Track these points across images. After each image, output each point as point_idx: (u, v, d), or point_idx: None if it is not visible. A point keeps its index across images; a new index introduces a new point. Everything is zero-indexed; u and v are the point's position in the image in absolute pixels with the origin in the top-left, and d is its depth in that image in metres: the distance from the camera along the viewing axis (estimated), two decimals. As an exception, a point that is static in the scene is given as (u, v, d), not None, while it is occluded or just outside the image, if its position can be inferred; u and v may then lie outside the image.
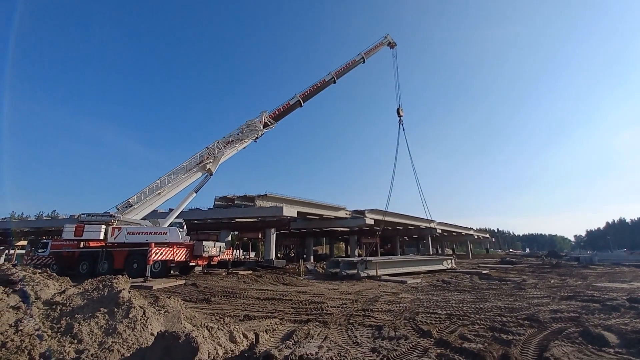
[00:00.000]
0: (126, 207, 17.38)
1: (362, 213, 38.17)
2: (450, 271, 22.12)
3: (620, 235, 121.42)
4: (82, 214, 16.90)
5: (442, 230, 57.00)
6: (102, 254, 16.77)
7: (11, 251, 40.55)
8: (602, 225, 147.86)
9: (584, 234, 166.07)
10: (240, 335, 5.09)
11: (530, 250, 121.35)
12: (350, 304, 9.60)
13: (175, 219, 19.04)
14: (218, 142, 20.42)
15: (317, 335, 6.15)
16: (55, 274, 6.28)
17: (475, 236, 75.26)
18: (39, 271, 6.25)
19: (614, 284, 14.35)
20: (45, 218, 40.68)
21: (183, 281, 15.06)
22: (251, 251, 50.04)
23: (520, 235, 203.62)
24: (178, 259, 16.97)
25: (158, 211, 20.73)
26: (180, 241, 17.34)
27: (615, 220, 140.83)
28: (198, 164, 19.40)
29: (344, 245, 68.64)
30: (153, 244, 15.74)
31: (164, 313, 5.29)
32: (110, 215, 16.59)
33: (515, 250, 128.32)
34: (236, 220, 31.23)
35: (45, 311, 5.03)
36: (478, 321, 7.06)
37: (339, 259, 22.66)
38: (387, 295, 11.24)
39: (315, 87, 24.41)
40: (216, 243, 20.17)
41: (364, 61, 26.67)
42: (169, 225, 18.09)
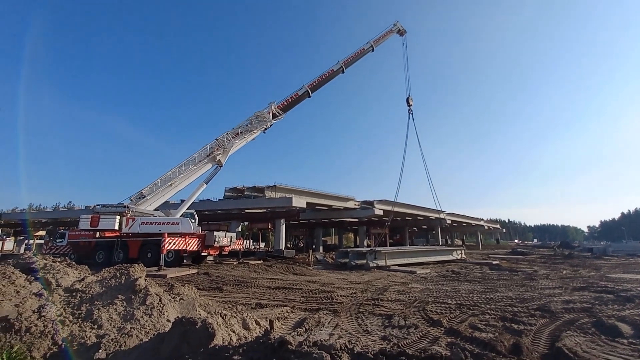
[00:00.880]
0: (139, 198, 17.76)
1: (371, 204, 38.14)
2: (460, 262, 22.04)
3: (636, 226, 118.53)
4: (97, 205, 17.36)
5: (452, 220, 56.62)
6: (118, 244, 17.25)
7: (30, 241, 41.97)
8: (617, 215, 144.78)
9: (597, 224, 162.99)
10: (253, 322, 5.22)
11: (542, 241, 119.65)
12: (360, 293, 9.70)
13: (186, 209, 19.39)
14: (227, 134, 20.54)
15: (328, 323, 6.25)
16: (74, 263, 6.50)
17: (486, 227, 74.56)
18: (59, 260, 6.48)
19: (628, 275, 14.11)
20: (61, 209, 41.96)
21: (196, 270, 15.41)
22: (261, 241, 50.71)
23: (532, 226, 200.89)
24: (190, 249, 17.36)
25: (170, 202, 21.13)
26: (192, 231, 17.70)
27: (631, 211, 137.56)
28: (208, 156, 19.59)
29: (352, 235, 68.93)
30: (166, 234, 16.10)
31: (179, 300, 5.45)
32: (124, 206, 16.99)
33: (527, 241, 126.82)
34: (246, 211, 31.61)
35: (66, 298, 5.23)
36: (488, 311, 7.06)
37: (348, 249, 22.81)
38: (397, 285, 11.30)
39: (323, 77, 24.19)
40: (227, 233, 20.50)
41: (373, 49, 26.25)
42: (181, 216, 18.45)
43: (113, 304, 4.90)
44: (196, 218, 19.85)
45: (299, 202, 29.27)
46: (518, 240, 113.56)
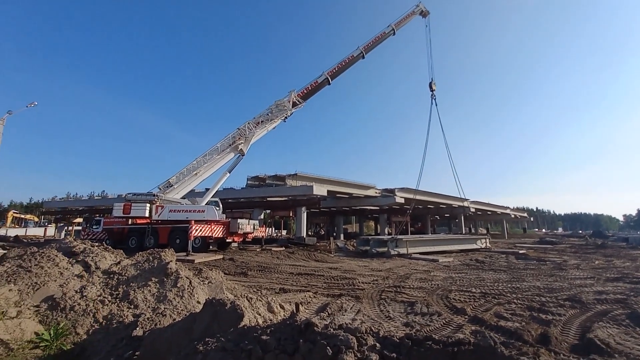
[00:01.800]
0: (167, 187, 18.50)
1: (392, 192, 37.69)
2: (485, 250, 21.55)
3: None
4: (129, 194, 18.25)
5: (476, 209, 55.02)
6: (149, 230, 18.14)
7: (69, 227, 44.90)
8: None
9: (634, 213, 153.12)
10: (278, 306, 5.39)
11: (573, 230, 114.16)
12: (382, 280, 9.74)
13: (211, 198, 20.01)
14: (248, 123, 20.79)
15: (350, 308, 6.36)
16: (110, 247, 6.92)
17: (512, 215, 71.91)
18: (96, 245, 6.91)
19: (669, 266, 13.31)
20: (96, 198, 44.41)
21: (221, 256, 15.98)
22: (283, 229, 51.60)
23: (562, 214, 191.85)
24: (216, 236, 18.01)
25: (195, 191, 21.79)
26: (217, 219, 18.32)
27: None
28: (230, 145, 19.97)
29: (373, 223, 68.64)
30: (193, 221, 16.76)
31: (208, 284, 5.71)
32: (154, 195, 17.78)
33: (556, 229, 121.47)
34: (268, 199, 32.12)
35: (104, 280, 5.61)
36: (515, 300, 6.93)
37: (369, 237, 22.82)
38: (419, 273, 11.25)
39: (343, 64, 23.79)
40: (250, 221, 21.02)
41: (394, 33, 25.45)
42: (206, 204, 19.08)
43: (147, 285, 5.21)
44: (220, 206, 20.46)
45: (320, 190, 29.39)
46: (546, 230, 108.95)
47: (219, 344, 2.65)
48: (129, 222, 19.02)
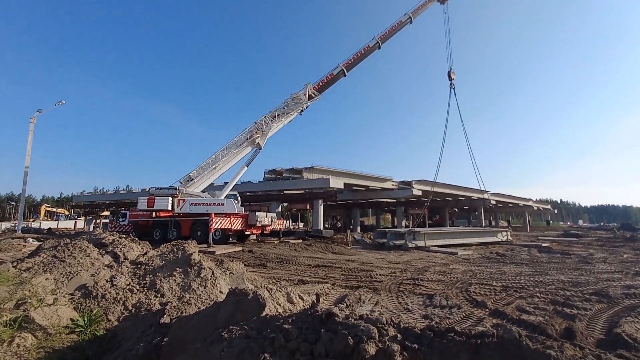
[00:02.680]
0: (188, 181, 19.04)
1: (409, 184, 37.23)
2: (506, 243, 21.04)
3: None
4: (152, 188, 18.92)
5: (497, 201, 53.61)
6: (171, 223, 18.78)
7: (97, 220, 47.04)
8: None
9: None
10: (297, 297, 5.49)
11: (600, 222, 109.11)
12: (399, 272, 9.72)
13: (230, 191, 20.43)
14: (265, 117, 20.96)
15: (368, 300, 6.41)
16: (136, 239, 7.22)
17: (535, 207, 69.59)
18: (124, 236, 7.23)
19: None
20: (121, 192, 46.15)
21: (240, 248, 16.36)
22: (300, 221, 52.09)
23: (588, 206, 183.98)
24: (235, 228, 18.43)
25: (215, 184, 22.28)
26: (236, 211, 18.72)
27: None
28: (248, 139, 20.24)
29: (390, 216, 68.14)
30: (213, 214, 17.21)
31: (229, 274, 5.89)
32: (175, 189, 18.37)
33: (582, 222, 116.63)
34: (285, 192, 32.44)
35: (132, 269, 5.87)
36: (538, 294, 6.77)
37: (386, 230, 22.71)
38: (437, 266, 11.15)
39: (359, 55, 23.46)
40: (268, 213, 21.36)
41: (411, 21, 24.83)
42: (225, 197, 19.51)
43: (172, 275, 5.43)
44: (239, 199, 20.87)
45: (336, 183, 29.40)
46: (570, 223, 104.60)
47: (242, 332, 2.75)
48: (153, 215, 19.73)
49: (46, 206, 63.54)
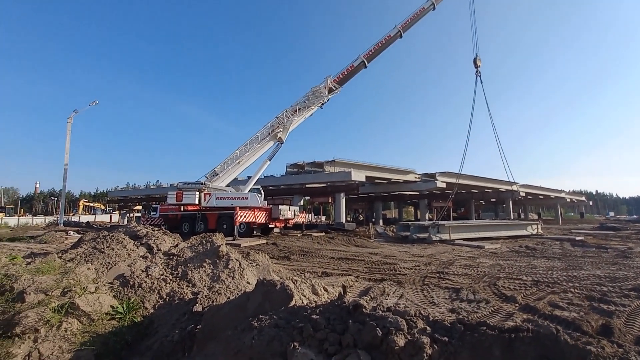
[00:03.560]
0: (213, 176, 19.63)
1: (433, 176, 36.43)
2: (536, 237, 20.18)
3: None
4: (180, 183, 19.67)
5: (526, 193, 51.37)
6: (199, 216, 19.49)
7: (130, 214, 49.57)
8: None
9: None
10: (321, 288, 5.57)
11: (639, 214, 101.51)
12: (424, 266, 9.61)
13: (253, 185, 20.85)
14: (286, 111, 21.09)
15: (393, 293, 6.39)
16: (168, 232, 7.56)
17: (568, 199, 66.10)
18: (156, 229, 7.58)
19: None
20: (152, 187, 48.27)
21: (265, 241, 16.72)
22: (322, 215, 52.38)
23: (627, 197, 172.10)
24: (259, 221, 18.88)
25: (238, 179, 22.81)
26: (260, 205, 19.12)
27: None
28: (270, 134, 20.49)
29: (412, 209, 67.16)
30: (238, 208, 17.68)
31: (256, 266, 6.06)
32: (201, 183, 18.99)
33: (620, 214, 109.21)
34: (307, 185, 32.67)
35: (165, 260, 6.16)
36: (572, 289, 6.48)
37: (409, 222, 22.40)
38: (463, 260, 10.91)
39: (379, 45, 22.97)
40: (290, 207, 21.64)
41: (434, 7, 23.95)
42: (248, 191, 19.95)
43: (202, 266, 5.66)
44: (262, 193, 21.27)
45: (358, 176, 29.25)
46: (607, 215, 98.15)
47: (271, 321, 2.84)
48: (182, 209, 20.53)
49: (84, 201, 67.61)
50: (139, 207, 47.32)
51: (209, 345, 3.08)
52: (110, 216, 52.68)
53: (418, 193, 41.84)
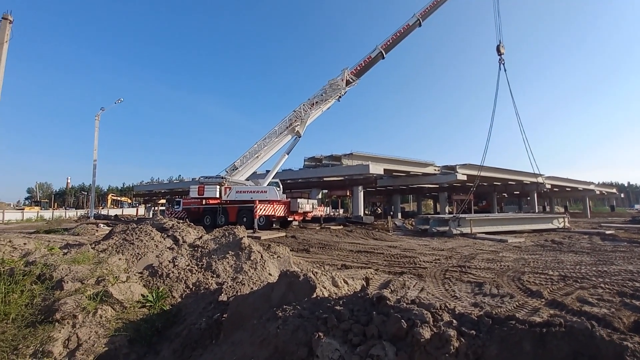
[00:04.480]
0: (233, 170, 20.03)
1: (453, 168, 35.59)
2: (562, 231, 19.44)
3: None
4: (201, 177, 20.20)
5: (552, 185, 49.33)
6: (219, 209, 19.99)
7: (155, 208, 51.44)
8: None
9: None
10: (342, 281, 5.61)
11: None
12: (444, 259, 9.48)
13: (272, 179, 21.12)
14: (304, 105, 21.11)
15: (413, 286, 6.36)
16: (192, 224, 7.80)
17: (597, 191, 62.94)
18: (181, 222, 7.84)
19: None
20: (174, 181, 49.81)
21: (284, 233, 16.95)
22: (340, 208, 52.44)
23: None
24: (278, 214, 19.15)
25: (257, 173, 23.14)
26: (278, 198, 19.38)
27: None
28: (287, 127, 20.61)
29: (432, 202, 66.03)
30: (257, 201, 17.99)
31: (277, 258, 6.18)
32: (222, 177, 19.43)
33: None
34: (324, 179, 32.69)
35: (191, 252, 6.37)
36: (601, 285, 6.24)
37: (429, 216, 22.07)
38: (485, 254, 10.68)
39: (398, 35, 22.45)
40: (309, 200, 21.81)
41: (455, -6, 23.12)
42: (267, 185, 20.24)
43: (225, 258, 5.82)
44: (281, 186, 21.53)
45: (376, 169, 28.99)
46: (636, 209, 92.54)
47: (295, 312, 2.90)
48: (203, 202, 21.10)
49: (112, 195, 70.67)
50: (163, 201, 49.02)
51: (235, 333, 3.19)
52: (137, 209, 54.88)
53: (437, 186, 41.03)
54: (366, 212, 41.90)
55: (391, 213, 40.74)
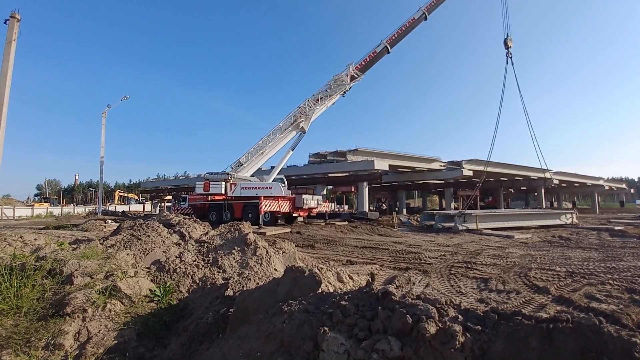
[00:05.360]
0: (238, 166, 20.12)
1: (459, 164, 35.29)
2: (570, 227, 19.23)
3: None
4: (207, 173, 20.33)
5: (560, 180, 48.69)
6: (225, 206, 20.13)
7: (161, 204, 51.93)
8: None
9: None
10: (347, 276, 5.62)
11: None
12: (450, 255, 9.45)
13: (277, 175, 21.17)
14: (308, 101, 21.06)
15: (419, 282, 6.36)
16: (198, 220, 7.87)
17: (606, 187, 61.96)
18: (187, 218, 7.91)
19: None
20: (180, 177, 50.15)
21: (289, 229, 17.02)
22: (345, 204, 52.45)
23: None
24: (283, 210, 19.24)
25: (262, 169, 23.20)
26: (283, 195, 19.45)
27: None
28: (292, 123, 20.60)
29: (437, 198, 65.72)
30: (262, 197, 18.07)
31: (282, 253, 6.21)
32: (227, 174, 19.54)
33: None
34: (329, 175, 32.68)
35: (197, 247, 6.44)
36: (610, 281, 6.17)
37: (434, 212, 21.99)
38: (491, 250, 10.62)
39: (403, 29, 22.21)
40: (314, 196, 21.85)
41: (462, -13, 22.73)
42: (272, 181, 20.30)
43: (231, 253, 5.87)
44: (285, 183, 21.58)
45: (381, 165, 28.88)
46: None
47: (301, 306, 2.93)
48: (209, 199, 21.26)
49: (119, 191, 71.54)
50: (169, 197, 49.44)
51: (241, 328, 3.22)
52: (144, 206, 55.46)
53: (443, 182, 40.78)
54: (371, 208, 41.87)
55: (396, 209, 40.63)
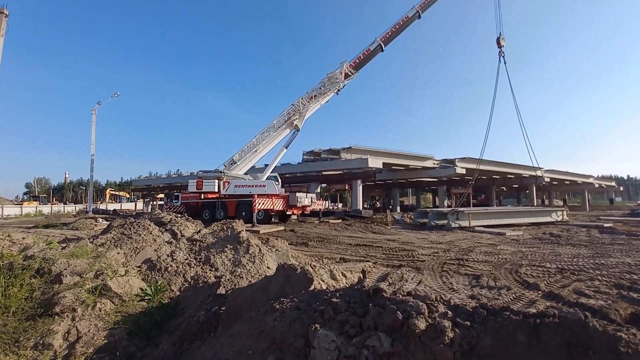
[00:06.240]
0: (231, 164, 19.99)
1: (452, 162, 35.59)
2: (561, 224, 19.53)
3: None
4: (200, 171, 20.16)
5: (551, 178, 49.41)
6: (218, 204, 20.01)
7: (153, 202, 51.40)
8: None
9: None
10: (340, 274, 5.63)
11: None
12: (442, 252, 9.53)
13: (270, 173, 21.09)
14: (302, 98, 20.99)
15: (411, 279, 6.40)
16: (190, 218, 7.80)
17: (596, 185, 63.05)
18: (179, 216, 7.84)
19: None
20: (173, 175, 49.72)
21: (283, 227, 16.99)
22: (339, 202, 52.51)
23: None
24: (277, 208, 19.18)
25: (256, 167, 23.10)
26: (277, 193, 19.39)
27: None
28: (286, 121, 20.53)
29: (431, 196, 66.18)
30: (256, 195, 17.99)
31: (275, 251, 6.19)
32: (220, 172, 19.40)
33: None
34: (323, 173, 32.67)
35: (189, 246, 6.39)
36: (598, 277, 6.29)
37: (428, 209, 22.13)
38: (483, 247, 10.73)
39: (397, 27, 22.24)
40: (307, 194, 21.84)
41: (456, -15, 22.83)
42: (266, 179, 20.22)
43: (224, 251, 5.84)
44: (279, 181, 21.50)
45: (375, 163, 28.97)
46: (636, 202, 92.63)
47: (293, 304, 2.92)
48: (202, 197, 21.10)
49: (110, 190, 70.56)
50: (162, 195, 48.97)
51: (233, 326, 3.20)
52: (135, 204, 54.81)
53: (436, 179, 41.09)
54: (365, 206, 41.98)
55: (390, 207, 40.81)
